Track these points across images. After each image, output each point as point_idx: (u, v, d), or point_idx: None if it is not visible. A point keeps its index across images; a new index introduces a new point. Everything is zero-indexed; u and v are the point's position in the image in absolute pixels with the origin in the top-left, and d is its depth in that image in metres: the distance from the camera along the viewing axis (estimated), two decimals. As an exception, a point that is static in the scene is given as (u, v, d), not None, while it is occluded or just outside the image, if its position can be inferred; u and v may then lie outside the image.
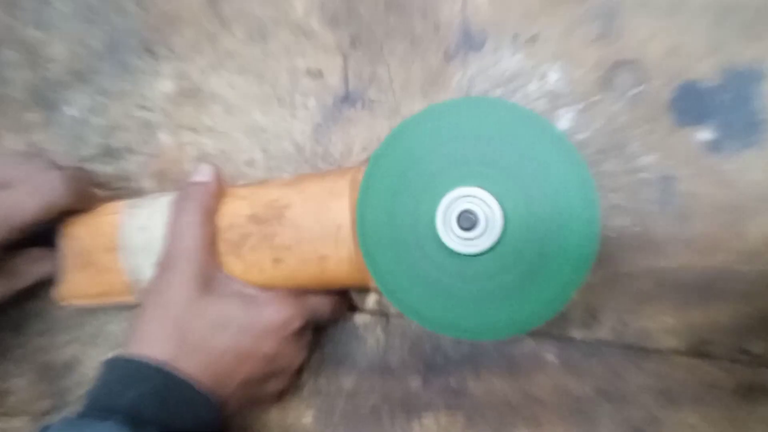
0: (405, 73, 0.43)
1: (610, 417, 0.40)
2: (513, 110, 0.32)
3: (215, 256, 0.38)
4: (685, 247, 0.39)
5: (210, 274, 0.38)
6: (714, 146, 0.38)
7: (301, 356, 0.41)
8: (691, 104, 0.39)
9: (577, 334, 0.41)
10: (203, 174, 0.40)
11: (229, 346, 0.36)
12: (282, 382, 0.41)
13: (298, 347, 0.40)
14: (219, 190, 0.40)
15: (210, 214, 0.39)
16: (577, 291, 0.39)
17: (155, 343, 0.35)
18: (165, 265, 0.38)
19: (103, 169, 0.49)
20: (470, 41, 0.42)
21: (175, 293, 0.36)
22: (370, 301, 0.45)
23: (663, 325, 0.40)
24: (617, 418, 0.40)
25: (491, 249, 0.32)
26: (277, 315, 0.37)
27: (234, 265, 0.38)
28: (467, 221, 0.31)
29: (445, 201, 0.32)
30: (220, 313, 0.36)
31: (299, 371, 0.44)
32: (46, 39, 0.50)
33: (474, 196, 0.31)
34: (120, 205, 0.43)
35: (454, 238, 0.32)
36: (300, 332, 0.39)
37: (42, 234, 0.43)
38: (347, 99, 0.44)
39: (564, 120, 0.41)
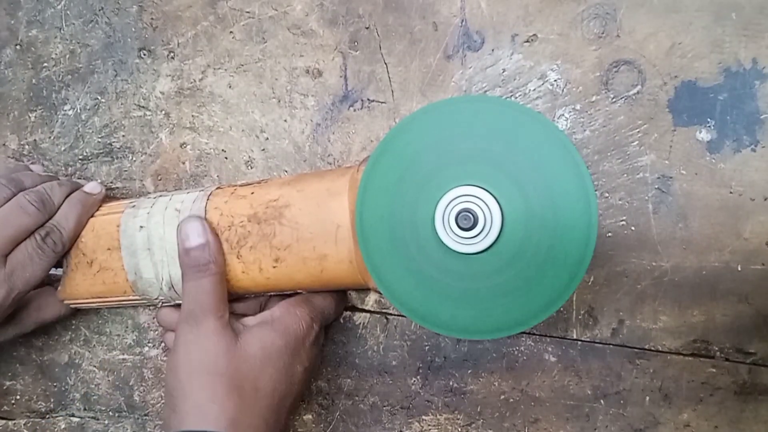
0: (404, 73, 0.43)
1: (608, 416, 0.40)
2: (513, 108, 0.32)
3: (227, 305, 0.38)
4: (683, 247, 0.39)
5: (228, 319, 0.37)
6: (712, 146, 0.38)
7: (318, 361, 0.41)
8: (689, 104, 0.39)
9: (576, 334, 0.41)
10: (196, 238, 0.38)
11: (278, 375, 0.36)
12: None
13: (318, 351, 0.40)
14: (219, 246, 0.38)
15: (221, 273, 0.38)
16: (576, 291, 0.39)
17: (211, 410, 0.33)
18: (189, 322, 0.36)
19: (104, 168, 0.49)
20: (469, 41, 0.42)
21: (211, 348, 0.35)
22: (370, 301, 0.45)
23: (661, 324, 0.40)
24: (616, 418, 0.40)
25: (490, 248, 0.32)
26: (299, 325, 0.37)
27: (234, 265, 0.38)
28: (466, 221, 0.31)
29: (444, 200, 0.32)
30: (259, 347, 0.36)
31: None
32: (46, 39, 0.50)
33: (473, 196, 0.31)
34: (121, 205, 0.43)
35: (453, 237, 0.32)
36: (318, 336, 0.40)
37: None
38: (346, 99, 0.44)
39: (562, 120, 0.41)
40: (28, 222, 0.40)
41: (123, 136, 0.49)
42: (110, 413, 0.49)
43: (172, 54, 0.48)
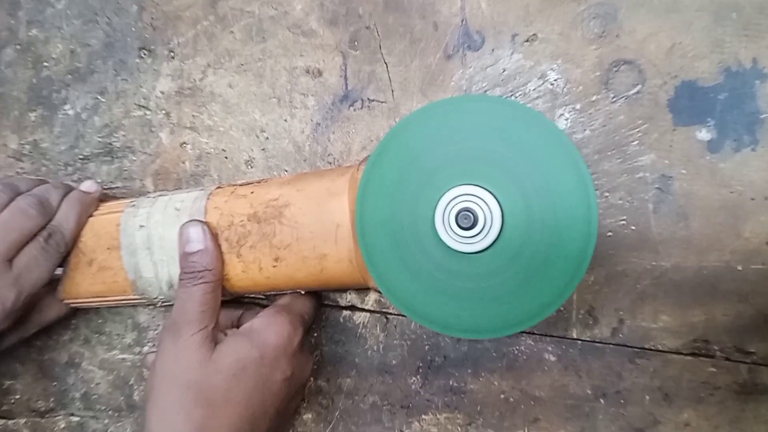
0: (404, 72, 0.43)
1: (608, 416, 0.40)
2: (513, 108, 0.32)
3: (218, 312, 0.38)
4: (684, 247, 0.39)
5: (212, 330, 0.37)
6: (712, 146, 0.38)
7: (309, 365, 0.41)
8: (689, 104, 0.39)
9: (576, 333, 0.41)
10: (196, 244, 0.38)
11: (254, 386, 0.36)
12: (300, 394, 0.41)
13: (305, 357, 0.40)
14: (219, 254, 0.39)
15: (216, 281, 0.38)
16: (576, 290, 0.39)
17: (176, 421, 0.34)
18: (171, 331, 0.37)
19: (104, 168, 0.49)
20: (469, 41, 0.42)
21: (185, 360, 0.35)
22: (370, 300, 0.45)
23: (662, 324, 0.40)
24: (616, 418, 0.40)
25: (490, 247, 0.32)
26: (280, 335, 0.37)
27: (234, 264, 0.38)
28: (466, 220, 0.31)
29: (444, 199, 0.32)
30: (233, 359, 0.36)
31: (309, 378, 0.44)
32: (46, 39, 0.50)
33: (473, 195, 0.31)
34: (121, 204, 0.43)
35: (453, 237, 0.32)
36: (302, 343, 0.40)
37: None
38: (346, 98, 0.44)
39: (562, 119, 0.41)
40: (31, 225, 0.40)
41: (123, 135, 0.49)
42: (110, 413, 0.49)
43: (172, 54, 0.48)
